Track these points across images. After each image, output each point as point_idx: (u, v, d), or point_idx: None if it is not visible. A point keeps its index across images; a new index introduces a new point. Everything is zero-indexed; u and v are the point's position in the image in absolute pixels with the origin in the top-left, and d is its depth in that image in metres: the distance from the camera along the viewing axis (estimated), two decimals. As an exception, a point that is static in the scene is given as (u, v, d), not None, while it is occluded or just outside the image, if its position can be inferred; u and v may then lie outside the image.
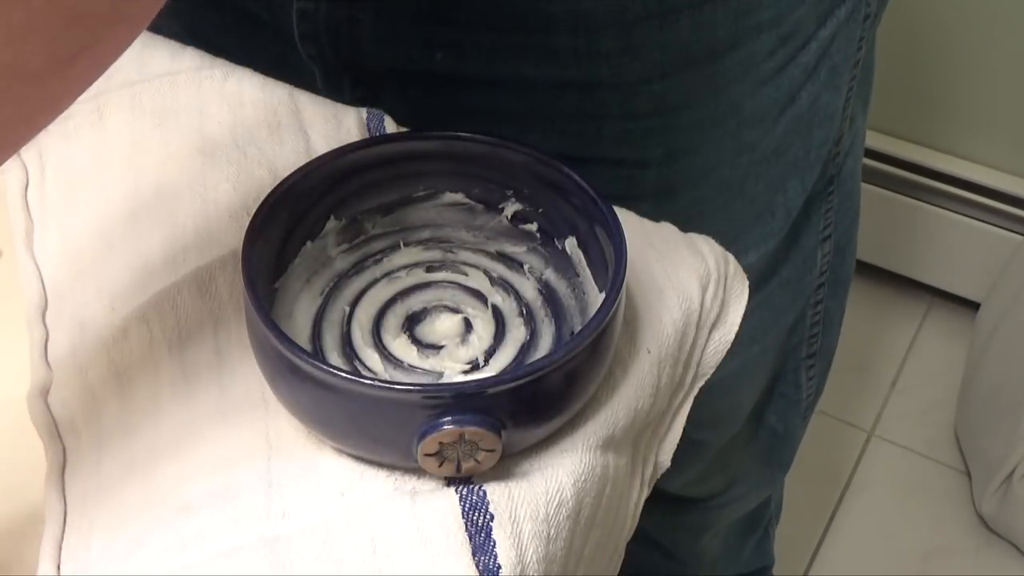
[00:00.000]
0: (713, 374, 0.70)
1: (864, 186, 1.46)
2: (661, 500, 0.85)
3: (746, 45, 0.58)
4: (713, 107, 0.59)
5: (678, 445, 0.53)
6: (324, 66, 0.60)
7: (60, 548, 0.42)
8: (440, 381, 0.46)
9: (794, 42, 0.61)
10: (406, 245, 0.51)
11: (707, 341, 0.53)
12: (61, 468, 0.45)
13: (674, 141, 0.60)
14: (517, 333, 0.48)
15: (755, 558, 1.06)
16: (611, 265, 0.44)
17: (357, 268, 0.50)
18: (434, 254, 0.51)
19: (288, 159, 0.55)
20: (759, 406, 0.82)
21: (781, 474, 0.93)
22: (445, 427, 0.40)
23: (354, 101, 0.60)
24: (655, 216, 0.61)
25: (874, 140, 1.42)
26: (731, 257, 0.54)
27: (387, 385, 0.41)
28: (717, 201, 0.64)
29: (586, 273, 0.49)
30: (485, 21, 0.55)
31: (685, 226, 0.62)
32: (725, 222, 0.65)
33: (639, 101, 0.57)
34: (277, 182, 0.46)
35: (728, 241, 0.65)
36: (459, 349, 0.47)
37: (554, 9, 0.54)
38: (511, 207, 0.50)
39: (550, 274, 0.50)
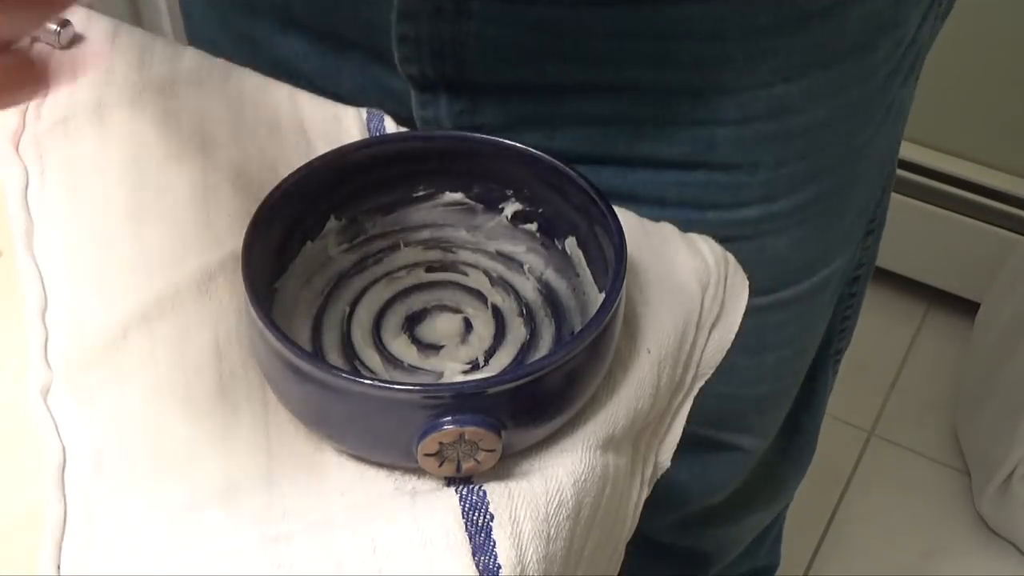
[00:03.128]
0: (773, 382, 0.69)
1: (864, 186, 1.46)
2: (697, 516, 0.84)
3: (867, 49, 0.58)
4: (827, 111, 0.59)
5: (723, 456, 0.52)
6: (422, 84, 0.60)
7: (60, 548, 0.42)
8: (440, 381, 0.46)
9: (903, 44, 0.60)
10: (406, 245, 0.51)
11: (707, 341, 0.53)
12: (61, 468, 0.45)
13: (786, 146, 0.59)
14: (517, 333, 0.48)
15: (769, 555, 1.06)
16: (611, 265, 0.44)
17: (357, 268, 0.50)
18: (434, 254, 0.51)
19: (288, 159, 0.55)
20: (794, 409, 0.82)
21: (802, 477, 0.93)
22: (445, 427, 0.40)
23: (451, 116, 0.60)
24: (758, 224, 0.61)
25: (874, 140, 1.42)
26: (731, 257, 0.54)
27: (387, 385, 0.41)
28: (820, 207, 0.63)
29: (586, 273, 0.49)
30: (603, 29, 0.54)
31: (787, 233, 0.62)
32: (825, 228, 0.64)
33: (757, 106, 0.56)
34: (277, 182, 0.46)
35: (825, 248, 0.65)
36: (459, 349, 0.47)
37: (682, 14, 0.53)
38: (511, 207, 0.50)
39: (550, 274, 0.50)
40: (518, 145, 0.48)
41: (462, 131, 0.49)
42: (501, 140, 0.48)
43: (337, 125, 0.58)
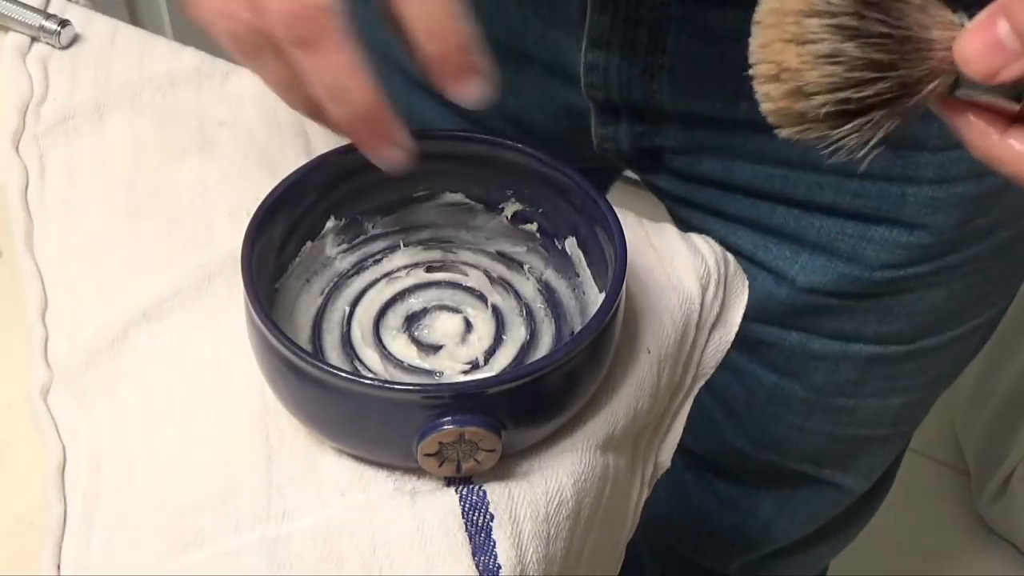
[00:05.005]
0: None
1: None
2: (770, 551, 0.83)
3: None
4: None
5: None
6: (606, 107, 0.59)
7: (60, 548, 0.42)
8: (440, 381, 0.46)
9: None
10: (406, 245, 0.51)
11: (707, 341, 0.53)
12: (61, 468, 0.45)
13: (976, 207, 0.57)
14: (517, 333, 0.48)
15: None
16: (611, 265, 0.44)
17: (357, 268, 0.50)
18: (434, 254, 0.51)
19: (288, 159, 0.55)
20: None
21: (874, 513, 0.92)
22: (445, 427, 0.40)
23: (631, 137, 0.59)
24: (925, 276, 0.58)
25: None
26: (731, 257, 0.54)
27: (387, 385, 0.41)
28: (986, 260, 0.62)
29: (586, 273, 0.48)
30: None
31: (947, 285, 0.60)
32: (983, 281, 0.62)
33: (956, 167, 0.55)
34: (277, 182, 0.46)
35: (977, 299, 0.63)
36: (459, 349, 0.47)
37: None
38: (511, 207, 0.50)
39: (550, 274, 0.50)
40: (518, 145, 0.48)
41: (464, 132, 0.49)
42: (501, 140, 0.48)
43: (337, 125, 0.57)
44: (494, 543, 0.41)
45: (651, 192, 0.67)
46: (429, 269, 0.50)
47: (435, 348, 0.47)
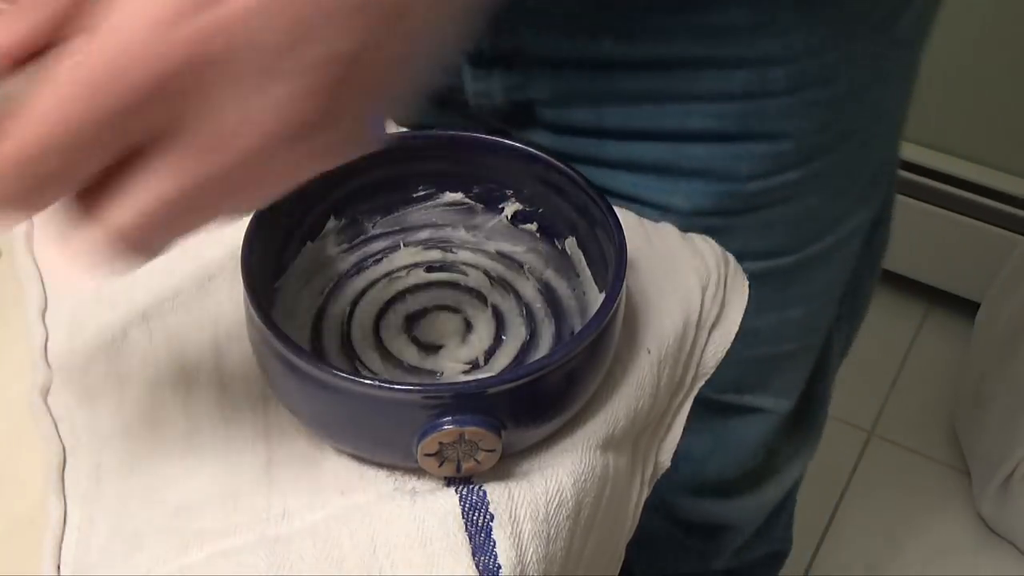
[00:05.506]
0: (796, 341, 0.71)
1: (864, 186, 1.46)
2: (712, 487, 0.85)
3: (905, 14, 0.60)
4: (870, 74, 0.61)
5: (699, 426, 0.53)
6: (476, 60, 0.60)
7: (60, 548, 0.42)
8: (440, 381, 0.46)
9: (922, 10, 0.63)
10: (406, 245, 0.51)
11: (707, 341, 0.53)
12: (61, 468, 0.45)
13: (830, 111, 0.60)
14: (517, 333, 0.48)
15: (783, 539, 1.07)
16: (611, 265, 0.44)
17: (357, 268, 0.50)
18: (434, 254, 0.51)
19: (288, 159, 0.55)
20: (810, 378, 0.83)
21: (814, 449, 0.93)
22: (445, 427, 0.40)
23: (504, 90, 0.60)
24: (796, 184, 0.62)
25: (874, 140, 1.42)
26: (731, 257, 0.54)
27: (387, 385, 0.41)
28: (852, 163, 0.65)
29: (586, 273, 0.49)
30: (660, 2, 0.55)
31: (820, 191, 0.64)
32: (854, 183, 0.66)
33: (807, 75, 0.58)
34: (277, 182, 0.46)
35: (852, 201, 0.67)
36: (459, 349, 0.47)
37: None
38: (511, 207, 0.50)
39: (550, 274, 0.50)
40: (518, 145, 0.48)
41: (464, 132, 0.49)
42: (501, 140, 0.48)
43: (337, 125, 0.57)
44: (494, 543, 0.41)
45: None
46: (429, 269, 0.50)
47: (435, 348, 0.47)
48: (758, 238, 0.65)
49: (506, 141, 0.48)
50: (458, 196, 0.50)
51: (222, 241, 0.52)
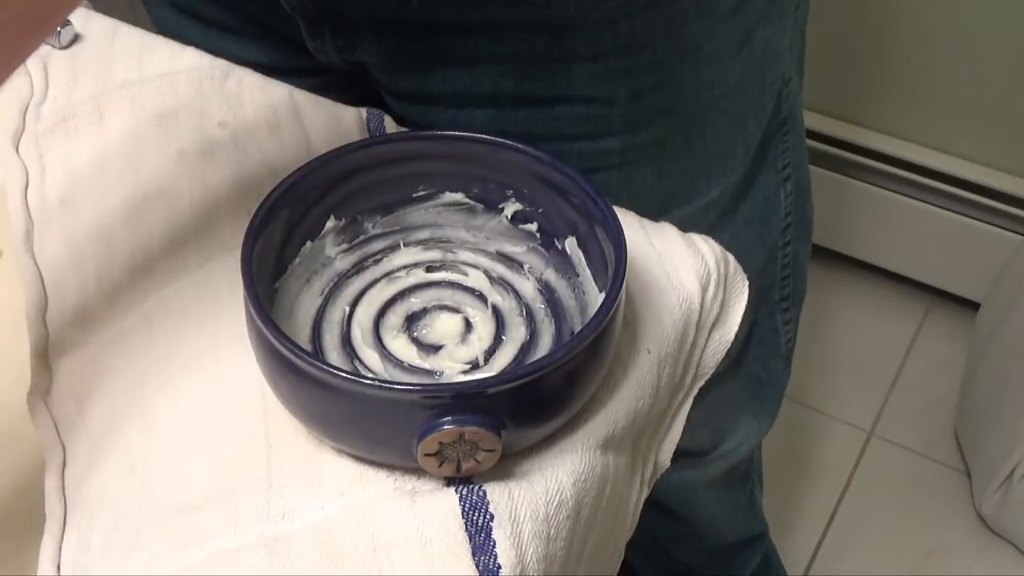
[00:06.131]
0: None
1: (865, 186, 1.46)
2: None
3: None
4: (673, 46, 0.62)
5: None
6: (307, 18, 0.62)
7: (60, 548, 0.42)
8: (440, 381, 0.46)
9: None
10: (406, 245, 0.51)
11: (707, 341, 0.53)
12: (61, 468, 0.45)
13: (638, 80, 0.62)
14: (517, 333, 0.48)
15: (749, 522, 1.08)
16: (611, 265, 0.44)
17: (357, 268, 0.50)
18: (434, 254, 0.51)
19: (288, 159, 0.55)
20: (739, 353, 0.84)
21: (767, 424, 0.94)
22: (445, 427, 0.40)
23: (336, 50, 0.62)
24: (623, 154, 0.64)
25: (874, 140, 1.42)
26: (731, 257, 0.54)
27: (387, 385, 0.41)
28: (680, 138, 0.66)
29: (586, 273, 0.49)
30: None
31: (651, 163, 0.66)
32: (688, 158, 0.67)
33: (604, 42, 0.59)
34: (277, 182, 0.46)
35: (691, 177, 0.69)
36: (459, 349, 0.47)
37: None
38: (511, 207, 0.50)
39: (550, 274, 0.50)
40: (518, 145, 0.48)
41: (464, 132, 0.49)
42: (501, 140, 0.48)
43: (337, 125, 0.58)
44: (494, 543, 0.41)
45: None
46: (429, 269, 0.50)
47: (435, 348, 0.47)
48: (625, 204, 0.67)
49: (506, 141, 0.48)
50: (458, 196, 0.50)
51: (222, 241, 0.52)
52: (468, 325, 0.48)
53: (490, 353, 0.47)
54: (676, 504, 0.98)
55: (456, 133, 0.49)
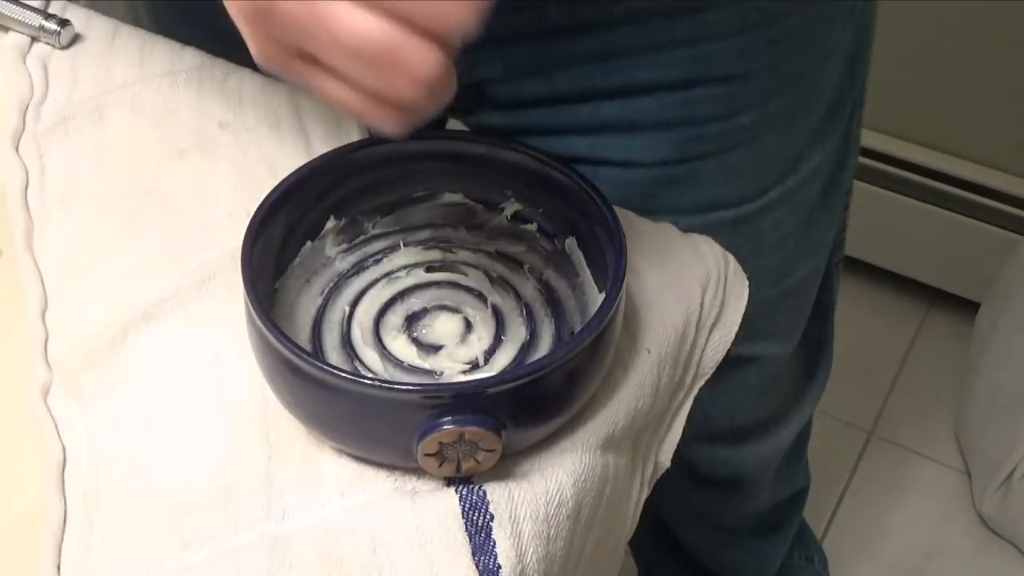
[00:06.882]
0: (790, 279, 0.73)
1: (864, 186, 1.46)
2: (724, 436, 0.86)
3: None
4: (806, 13, 0.62)
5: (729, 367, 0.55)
6: None
7: (60, 548, 0.42)
8: (440, 381, 0.46)
9: None
10: (406, 245, 0.51)
11: (707, 341, 0.53)
12: (61, 468, 0.45)
13: (775, 51, 0.62)
14: (517, 333, 0.48)
15: (804, 477, 1.08)
16: (611, 265, 0.44)
17: (357, 268, 0.50)
18: (434, 254, 0.51)
19: (288, 159, 0.55)
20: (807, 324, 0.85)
21: (822, 388, 0.94)
22: (445, 427, 0.40)
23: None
24: (753, 126, 0.64)
25: (874, 140, 1.42)
26: (731, 257, 0.54)
27: (387, 385, 0.41)
28: (803, 104, 0.67)
29: (586, 273, 0.49)
30: None
31: (775, 132, 0.66)
32: (807, 122, 0.68)
33: (748, 17, 0.59)
34: (277, 182, 0.46)
35: (808, 140, 0.69)
36: (459, 349, 0.47)
37: None
38: (511, 207, 0.50)
39: (550, 274, 0.50)
40: (519, 145, 0.48)
41: (464, 132, 0.49)
42: (500, 140, 0.48)
43: (337, 125, 0.58)
44: (494, 543, 0.41)
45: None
46: (429, 269, 0.50)
47: (435, 348, 0.47)
48: (725, 184, 0.67)
49: (506, 141, 0.48)
50: (458, 196, 0.50)
51: (222, 241, 0.52)
52: (468, 325, 0.48)
53: (490, 353, 0.47)
54: (751, 475, 0.98)
55: (456, 133, 0.49)
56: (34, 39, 0.62)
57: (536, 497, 0.42)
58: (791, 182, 0.70)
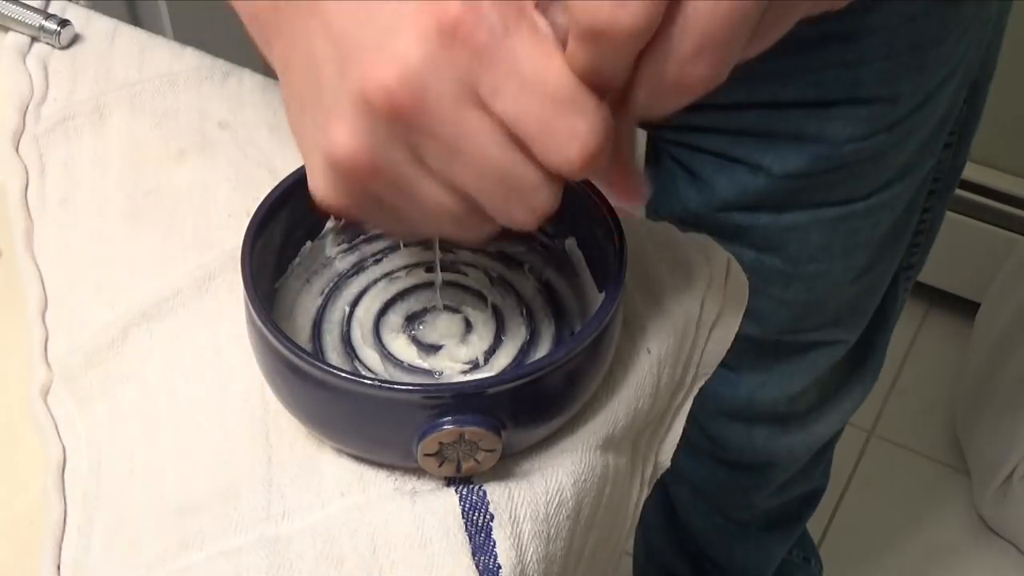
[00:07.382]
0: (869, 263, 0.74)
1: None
2: (765, 420, 0.87)
3: None
4: (956, 38, 0.63)
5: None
6: None
7: (60, 548, 0.42)
8: (440, 381, 0.46)
9: None
10: (406, 245, 0.51)
11: (707, 341, 0.53)
12: (61, 468, 0.45)
13: (923, 75, 0.62)
14: (517, 333, 0.48)
15: (823, 476, 1.09)
16: (611, 265, 0.44)
17: (357, 268, 0.50)
18: (434, 254, 0.51)
19: (288, 159, 0.55)
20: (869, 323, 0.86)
21: (864, 394, 0.95)
22: (445, 427, 0.40)
23: None
24: (890, 139, 0.65)
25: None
26: (731, 257, 0.54)
27: (387, 385, 0.41)
28: (927, 118, 0.67)
29: (586, 273, 0.48)
30: None
31: (899, 146, 0.67)
32: (918, 135, 0.68)
33: (899, 42, 0.60)
34: (277, 182, 0.46)
35: (921, 152, 0.70)
36: (459, 349, 0.47)
37: None
38: (511, 207, 0.50)
39: (550, 274, 0.50)
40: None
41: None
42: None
43: (337, 125, 0.57)
44: (494, 543, 0.41)
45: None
46: (429, 269, 0.50)
47: (435, 348, 0.47)
48: (842, 189, 0.68)
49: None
50: (458, 196, 0.50)
51: (222, 241, 0.52)
52: (468, 325, 0.48)
53: (490, 353, 0.47)
54: (779, 465, 0.99)
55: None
56: (34, 39, 0.62)
57: (536, 497, 0.42)
58: (897, 188, 0.70)
